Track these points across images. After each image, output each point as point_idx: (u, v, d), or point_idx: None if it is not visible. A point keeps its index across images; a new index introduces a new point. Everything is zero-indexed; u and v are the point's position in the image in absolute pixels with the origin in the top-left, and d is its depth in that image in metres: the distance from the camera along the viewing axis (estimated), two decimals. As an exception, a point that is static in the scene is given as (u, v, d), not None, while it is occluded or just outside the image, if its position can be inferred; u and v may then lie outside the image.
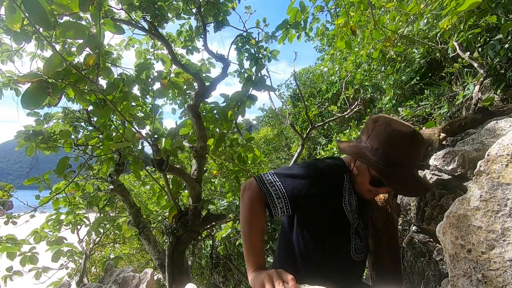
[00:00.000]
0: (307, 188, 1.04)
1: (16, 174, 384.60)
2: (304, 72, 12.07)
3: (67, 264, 3.32)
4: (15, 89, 2.71)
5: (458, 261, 0.79)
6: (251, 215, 1.04)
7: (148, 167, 3.44)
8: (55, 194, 2.70)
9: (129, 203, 3.00)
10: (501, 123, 1.18)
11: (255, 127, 32.18)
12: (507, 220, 0.72)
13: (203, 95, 2.47)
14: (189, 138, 2.76)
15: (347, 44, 3.02)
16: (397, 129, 1.00)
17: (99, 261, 5.65)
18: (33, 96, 1.27)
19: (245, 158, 3.00)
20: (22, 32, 2.15)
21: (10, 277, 2.76)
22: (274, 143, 11.04)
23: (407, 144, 0.99)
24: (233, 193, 4.13)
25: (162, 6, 2.49)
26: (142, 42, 3.38)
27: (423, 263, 2.30)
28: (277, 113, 7.48)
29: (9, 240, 2.52)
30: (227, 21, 2.75)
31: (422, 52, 4.08)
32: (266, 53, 2.96)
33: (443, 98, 3.45)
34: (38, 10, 1.10)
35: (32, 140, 2.45)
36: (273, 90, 2.80)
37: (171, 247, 2.43)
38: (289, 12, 2.49)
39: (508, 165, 0.78)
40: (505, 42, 2.50)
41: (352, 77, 6.04)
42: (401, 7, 3.13)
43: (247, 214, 1.04)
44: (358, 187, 1.14)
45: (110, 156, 2.54)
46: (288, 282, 0.86)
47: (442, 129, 1.36)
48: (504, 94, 2.73)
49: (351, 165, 1.14)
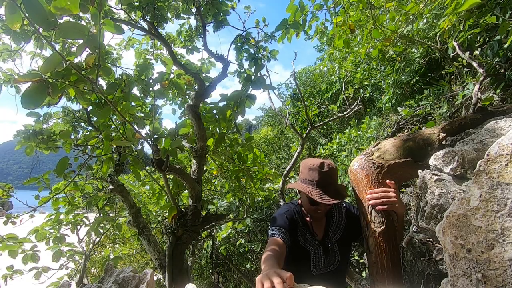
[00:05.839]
0: (281, 222, 1.55)
1: (15, 174, 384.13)
2: (303, 72, 12.06)
3: (67, 264, 3.31)
4: (15, 87, 2.70)
5: (458, 261, 0.79)
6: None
7: (148, 167, 3.44)
8: (54, 194, 2.69)
9: (129, 204, 3.00)
10: (500, 122, 1.18)
11: (255, 127, 32.16)
12: (507, 220, 0.73)
13: (202, 95, 2.47)
14: (188, 138, 2.75)
15: (346, 42, 3.02)
16: (309, 161, 1.52)
17: (99, 261, 5.64)
18: (33, 96, 1.27)
19: (245, 158, 3.00)
20: (22, 32, 2.15)
21: (11, 276, 2.76)
22: (274, 143, 11.03)
23: (315, 170, 1.46)
24: (233, 193, 4.13)
25: (161, 6, 2.49)
26: (142, 42, 3.38)
27: (423, 262, 2.30)
28: (277, 113, 7.48)
29: (10, 239, 2.52)
30: (227, 21, 2.75)
31: (422, 51, 4.08)
32: (266, 53, 2.96)
33: (443, 97, 3.45)
34: (38, 10, 1.10)
35: (31, 139, 2.45)
36: (273, 89, 2.80)
37: (171, 247, 2.43)
38: (288, 10, 2.49)
39: (508, 164, 0.78)
40: (504, 42, 2.51)
41: (351, 76, 6.03)
42: (401, 7, 3.13)
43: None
44: (306, 210, 1.60)
45: (110, 156, 2.54)
46: (286, 280, 0.87)
47: (441, 129, 1.36)
48: (504, 94, 2.73)
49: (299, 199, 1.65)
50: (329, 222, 1.64)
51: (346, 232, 1.62)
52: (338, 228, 1.63)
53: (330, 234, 1.61)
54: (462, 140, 1.25)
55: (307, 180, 1.49)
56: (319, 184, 1.45)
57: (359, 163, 1.46)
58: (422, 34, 3.65)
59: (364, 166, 1.42)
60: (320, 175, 1.46)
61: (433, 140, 1.36)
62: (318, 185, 1.45)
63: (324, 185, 1.45)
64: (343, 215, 1.66)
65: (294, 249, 1.55)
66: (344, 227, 1.63)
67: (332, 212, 1.66)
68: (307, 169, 1.51)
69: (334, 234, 1.62)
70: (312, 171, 1.48)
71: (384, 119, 4.54)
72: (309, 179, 1.48)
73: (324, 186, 1.45)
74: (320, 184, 1.45)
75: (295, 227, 1.58)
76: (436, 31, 3.40)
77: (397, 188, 1.37)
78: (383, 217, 1.31)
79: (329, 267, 1.57)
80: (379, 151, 1.46)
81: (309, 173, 1.49)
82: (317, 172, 1.46)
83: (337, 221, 1.64)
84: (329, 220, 1.64)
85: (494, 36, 2.66)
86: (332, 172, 1.50)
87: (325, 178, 1.46)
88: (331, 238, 1.60)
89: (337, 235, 1.62)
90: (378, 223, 1.31)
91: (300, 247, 1.57)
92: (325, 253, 1.57)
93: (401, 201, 1.34)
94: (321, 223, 1.64)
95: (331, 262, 1.58)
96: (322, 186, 1.45)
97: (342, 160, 4.52)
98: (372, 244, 1.33)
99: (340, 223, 1.64)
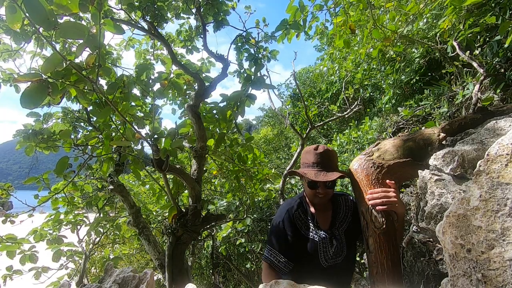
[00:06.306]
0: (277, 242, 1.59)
1: (15, 174, 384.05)
2: (303, 72, 12.06)
3: (67, 264, 3.31)
4: (15, 86, 2.70)
5: (458, 261, 0.79)
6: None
7: (148, 167, 3.44)
8: (54, 194, 2.69)
9: (129, 204, 3.00)
10: (500, 122, 1.18)
11: (255, 127, 32.15)
12: (507, 220, 0.72)
13: (202, 95, 2.47)
14: (188, 138, 2.75)
15: (346, 42, 3.02)
16: (307, 148, 1.59)
17: (99, 261, 5.64)
18: (32, 96, 1.27)
19: (245, 158, 3.00)
20: (22, 31, 2.15)
21: (10, 276, 2.75)
22: (274, 143, 11.03)
23: (310, 152, 1.52)
24: (233, 193, 4.12)
25: (161, 6, 2.49)
26: (142, 42, 3.38)
27: (423, 262, 2.30)
28: (277, 113, 7.48)
29: (9, 240, 2.51)
30: (227, 21, 2.75)
31: (422, 51, 4.09)
32: (266, 53, 2.96)
33: (443, 97, 3.45)
34: (38, 10, 1.10)
35: (31, 139, 2.45)
36: (273, 89, 2.80)
37: (171, 247, 2.43)
38: (288, 10, 2.48)
39: (508, 164, 0.78)
40: (504, 42, 2.51)
41: (351, 76, 6.03)
42: (401, 7, 3.13)
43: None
44: (308, 198, 1.62)
45: (110, 156, 2.54)
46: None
47: (441, 129, 1.36)
48: (504, 94, 2.73)
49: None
50: (335, 213, 1.64)
51: (353, 225, 1.61)
52: (345, 220, 1.63)
53: (337, 224, 1.61)
54: (462, 140, 1.25)
55: (304, 163, 1.54)
56: (314, 164, 1.49)
57: (359, 163, 1.46)
58: (422, 34, 3.65)
59: (364, 166, 1.42)
60: (315, 156, 1.50)
61: (433, 140, 1.36)
62: (314, 166, 1.48)
63: (319, 165, 1.48)
64: (349, 207, 1.66)
65: (300, 243, 1.56)
66: (350, 219, 1.63)
67: (339, 203, 1.67)
68: (304, 154, 1.57)
69: (341, 225, 1.61)
70: (308, 154, 1.53)
71: (384, 119, 4.54)
72: (305, 162, 1.53)
73: (319, 166, 1.48)
74: (315, 165, 1.48)
75: (295, 227, 1.59)
76: (436, 31, 3.40)
77: (397, 188, 1.37)
78: (383, 217, 1.31)
79: (338, 258, 1.56)
80: (379, 151, 1.46)
81: (305, 157, 1.55)
82: (312, 154, 1.51)
83: (344, 212, 1.64)
84: (336, 211, 1.64)
85: (494, 36, 2.66)
86: (329, 153, 1.52)
87: (321, 159, 1.49)
88: (338, 228, 1.60)
89: (344, 226, 1.61)
90: (378, 223, 1.31)
91: (306, 239, 1.57)
92: (332, 243, 1.56)
93: (401, 201, 1.34)
94: (327, 214, 1.64)
95: (339, 253, 1.57)
96: (318, 166, 1.48)
97: (343, 161, 4.52)
98: (372, 244, 1.33)
99: (347, 215, 1.64)
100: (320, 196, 1.53)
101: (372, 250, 1.33)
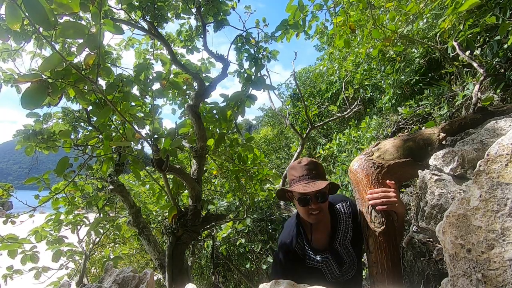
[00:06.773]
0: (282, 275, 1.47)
1: (15, 174, 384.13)
2: (303, 72, 12.06)
3: (67, 264, 3.31)
4: (16, 87, 2.70)
5: (458, 261, 0.79)
6: None
7: (148, 167, 3.44)
8: (54, 194, 2.69)
9: (129, 204, 3.00)
10: (500, 122, 1.18)
11: (255, 127, 32.13)
12: (507, 220, 0.72)
13: (202, 95, 2.47)
14: (188, 138, 2.75)
15: (346, 42, 3.02)
16: (291, 164, 1.57)
17: (99, 261, 5.64)
18: (33, 96, 1.27)
19: (245, 158, 3.00)
20: (22, 31, 2.15)
21: (11, 276, 2.76)
22: (274, 143, 11.03)
23: (295, 167, 1.50)
24: (233, 193, 4.12)
25: (161, 6, 2.49)
26: (141, 42, 3.38)
27: (423, 263, 2.30)
28: (277, 113, 7.48)
29: (10, 240, 2.51)
30: (227, 21, 2.75)
31: (422, 51, 4.08)
32: (266, 53, 2.96)
33: (443, 98, 3.45)
34: (38, 9, 1.10)
35: (31, 139, 2.45)
36: (273, 89, 2.80)
37: (171, 247, 2.42)
38: (288, 9, 2.48)
39: (508, 164, 0.78)
40: (504, 42, 2.51)
41: (351, 76, 6.03)
42: (401, 7, 3.13)
43: None
44: (303, 216, 1.53)
45: (109, 156, 2.54)
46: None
47: (441, 129, 1.36)
48: (504, 94, 2.73)
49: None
50: (335, 227, 1.57)
51: (356, 230, 1.54)
52: (347, 229, 1.56)
53: (339, 238, 1.55)
54: (462, 140, 1.25)
55: (291, 180, 1.50)
56: (301, 177, 1.45)
57: (359, 163, 1.46)
58: (422, 34, 3.65)
59: (364, 166, 1.42)
60: (300, 168, 1.47)
61: (433, 140, 1.36)
62: (301, 179, 1.44)
63: (306, 176, 1.44)
64: (348, 214, 1.59)
65: (305, 271, 1.53)
66: (352, 226, 1.56)
67: (337, 214, 1.59)
68: (290, 170, 1.54)
69: (345, 237, 1.55)
70: (293, 169, 1.50)
71: (384, 119, 4.54)
72: (292, 179, 1.49)
73: (306, 177, 1.43)
74: (302, 177, 1.44)
75: (298, 258, 1.55)
76: (436, 31, 3.40)
77: (397, 188, 1.37)
78: (383, 217, 1.31)
79: (349, 273, 1.53)
80: (379, 151, 1.46)
81: (291, 173, 1.51)
82: (297, 168, 1.48)
83: (344, 223, 1.57)
84: (336, 224, 1.57)
85: (494, 36, 2.66)
86: (314, 163, 1.48)
87: (307, 171, 1.45)
88: (342, 242, 1.54)
89: (349, 237, 1.55)
90: (378, 223, 1.31)
91: (310, 268, 1.53)
92: (336, 261, 1.51)
93: (401, 201, 1.34)
94: (324, 230, 1.57)
95: (351, 268, 1.53)
96: (305, 177, 1.44)
97: (343, 161, 4.52)
98: (372, 244, 1.33)
99: (348, 223, 1.57)
100: (315, 213, 1.45)
101: (372, 250, 1.33)
